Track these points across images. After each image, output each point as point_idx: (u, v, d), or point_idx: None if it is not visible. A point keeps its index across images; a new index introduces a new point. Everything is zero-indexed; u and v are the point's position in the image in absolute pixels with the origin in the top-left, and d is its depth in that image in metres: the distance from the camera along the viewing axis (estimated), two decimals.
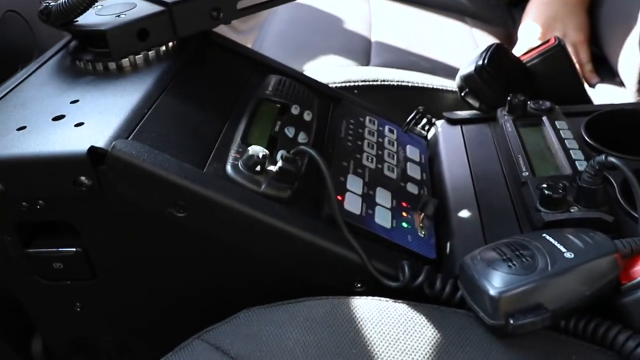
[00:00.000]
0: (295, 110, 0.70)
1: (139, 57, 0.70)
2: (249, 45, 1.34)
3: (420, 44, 1.05)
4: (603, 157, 0.58)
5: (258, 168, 0.60)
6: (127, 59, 0.70)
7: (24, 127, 0.59)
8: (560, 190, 0.59)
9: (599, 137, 0.73)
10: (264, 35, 1.14)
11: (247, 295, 0.61)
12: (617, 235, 0.62)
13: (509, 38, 1.22)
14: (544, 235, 0.55)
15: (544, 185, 0.60)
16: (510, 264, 0.52)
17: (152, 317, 0.66)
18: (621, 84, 1.11)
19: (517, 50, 1.08)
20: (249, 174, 0.60)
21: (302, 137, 0.67)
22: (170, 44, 0.73)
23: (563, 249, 0.53)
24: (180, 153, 0.59)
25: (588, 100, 0.84)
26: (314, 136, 0.68)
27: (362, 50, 1.02)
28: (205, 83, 0.71)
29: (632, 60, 0.97)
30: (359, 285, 0.60)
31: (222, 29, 0.81)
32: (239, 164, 0.60)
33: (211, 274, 0.62)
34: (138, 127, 0.60)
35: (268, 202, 0.59)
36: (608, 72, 1.14)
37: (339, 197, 0.62)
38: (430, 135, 0.80)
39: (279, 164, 0.60)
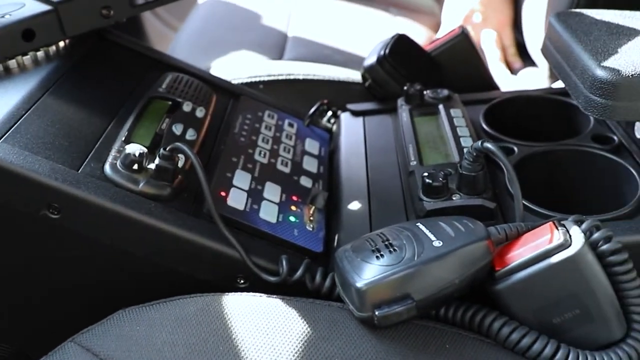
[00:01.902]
0: (187, 107, 0.69)
1: (27, 58, 0.69)
2: None
3: (338, 37, 1.05)
4: (479, 143, 0.57)
5: (136, 167, 0.59)
6: (14, 60, 0.68)
7: None
8: (441, 179, 0.59)
9: (499, 124, 0.73)
10: (182, 32, 1.13)
11: (132, 294, 0.60)
12: (502, 222, 0.62)
13: (437, 25, 1.22)
14: (418, 224, 0.54)
15: (425, 174, 0.59)
16: (378, 254, 0.51)
17: (41, 321, 0.65)
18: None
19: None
20: (126, 172, 0.59)
21: (190, 134, 0.66)
22: (62, 43, 0.72)
23: (433, 238, 0.52)
24: (55, 154, 0.58)
25: (495, 87, 0.83)
26: (204, 133, 0.67)
27: (276, 45, 1.02)
28: (94, 82, 0.70)
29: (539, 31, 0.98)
30: (241, 281, 0.59)
31: (160, 29, 0.79)
32: (117, 163, 0.59)
33: (93, 275, 0.61)
34: (12, 129, 0.59)
35: (144, 201, 0.58)
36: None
37: (223, 193, 0.61)
38: (335, 127, 0.79)
39: (156, 161, 0.59)
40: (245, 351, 0.50)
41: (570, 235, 0.52)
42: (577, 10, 0.67)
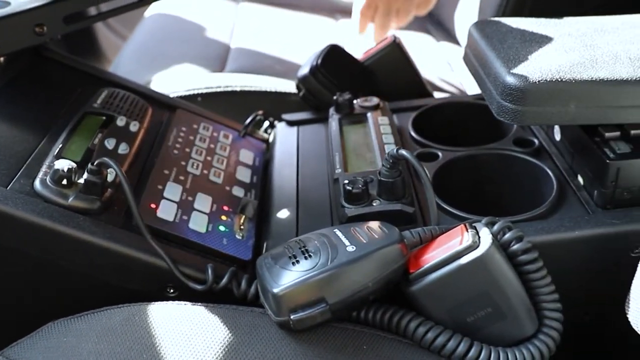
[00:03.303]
0: (120, 121, 0.70)
1: None
2: None
3: (280, 47, 1.07)
4: (395, 150, 0.59)
5: (65, 182, 0.60)
6: None
7: None
8: (361, 186, 0.61)
9: (428, 130, 0.76)
10: (127, 46, 1.14)
11: (64, 307, 0.61)
12: (423, 225, 0.64)
13: None
14: (335, 230, 0.56)
15: (346, 181, 0.61)
16: (294, 261, 0.53)
17: None
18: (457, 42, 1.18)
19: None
20: (56, 188, 0.60)
21: (122, 148, 0.67)
22: None
23: (347, 243, 0.54)
24: None
25: (427, 93, 0.86)
26: (137, 147, 0.69)
27: (218, 57, 1.03)
28: (28, 99, 0.71)
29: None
30: (171, 290, 0.60)
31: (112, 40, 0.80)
32: (47, 179, 0.60)
33: (24, 289, 0.62)
34: None
35: (73, 215, 0.59)
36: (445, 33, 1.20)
37: (153, 205, 0.63)
38: (272, 138, 0.81)
39: (85, 176, 0.60)
40: (168, 358, 0.51)
41: (479, 237, 0.55)
42: (495, 19, 0.70)
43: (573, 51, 0.62)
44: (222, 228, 0.64)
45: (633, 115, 0.60)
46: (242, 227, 0.66)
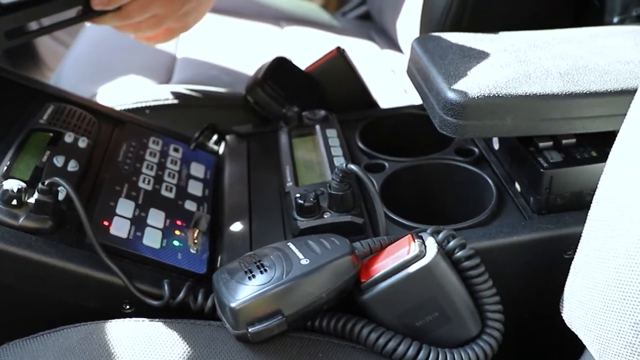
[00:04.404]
0: (68, 138, 0.70)
1: None
2: None
3: (226, 56, 1.08)
4: (344, 164, 0.62)
5: (15, 202, 0.60)
6: None
7: None
8: (312, 199, 0.63)
9: (374, 141, 0.79)
10: (69, 56, 1.12)
11: (19, 328, 0.61)
12: (372, 235, 0.67)
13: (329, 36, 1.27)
14: (289, 243, 0.58)
15: (298, 195, 0.64)
16: (250, 275, 0.55)
17: None
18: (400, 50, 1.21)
19: None
20: (5, 208, 0.60)
21: (72, 166, 0.67)
22: None
23: (300, 256, 0.56)
24: None
25: (374, 104, 0.89)
26: (87, 163, 0.69)
27: (165, 67, 1.03)
28: None
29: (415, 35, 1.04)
30: (127, 307, 0.61)
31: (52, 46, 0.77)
32: None
33: None
34: None
35: (25, 236, 0.59)
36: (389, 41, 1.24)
37: (106, 223, 0.63)
38: (222, 150, 0.82)
39: (35, 196, 0.60)
40: None
41: (425, 246, 0.58)
42: (436, 34, 0.73)
43: (508, 67, 0.66)
44: (176, 243, 0.65)
45: (563, 126, 0.64)
46: (195, 241, 0.67)
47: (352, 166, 0.61)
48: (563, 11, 0.90)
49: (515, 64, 0.67)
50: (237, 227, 0.68)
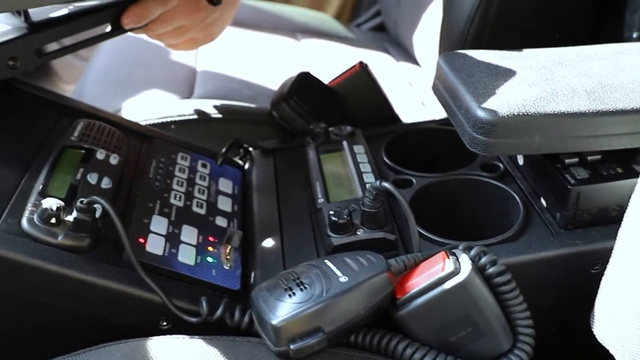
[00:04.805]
0: (100, 155, 0.71)
1: None
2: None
3: (246, 69, 1.09)
4: (378, 182, 0.63)
5: (53, 220, 0.61)
6: None
7: None
8: (345, 216, 0.64)
9: (399, 156, 0.80)
10: (89, 71, 1.13)
11: (56, 344, 0.62)
12: (403, 252, 0.68)
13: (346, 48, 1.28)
14: (325, 261, 0.59)
15: (332, 212, 0.65)
16: (290, 293, 0.56)
17: None
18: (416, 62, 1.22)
19: None
20: (44, 227, 0.60)
21: (105, 183, 0.68)
22: None
23: (339, 274, 0.57)
24: None
25: (396, 119, 0.90)
26: (119, 180, 0.70)
27: (185, 81, 1.04)
28: (4, 135, 0.70)
29: (433, 48, 1.05)
30: (164, 323, 0.62)
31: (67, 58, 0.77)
32: (35, 218, 0.61)
33: (17, 329, 0.62)
34: None
35: (63, 254, 0.60)
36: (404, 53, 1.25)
37: (141, 240, 0.64)
38: (247, 165, 0.83)
39: (74, 214, 0.61)
40: None
41: (459, 263, 0.59)
42: (462, 51, 0.75)
43: (535, 85, 0.67)
44: (209, 259, 0.66)
45: (590, 144, 0.66)
46: (228, 257, 0.67)
47: (386, 184, 0.62)
48: (581, 25, 0.92)
49: (542, 82, 0.68)
50: (268, 243, 0.69)
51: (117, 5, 0.78)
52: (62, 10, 0.75)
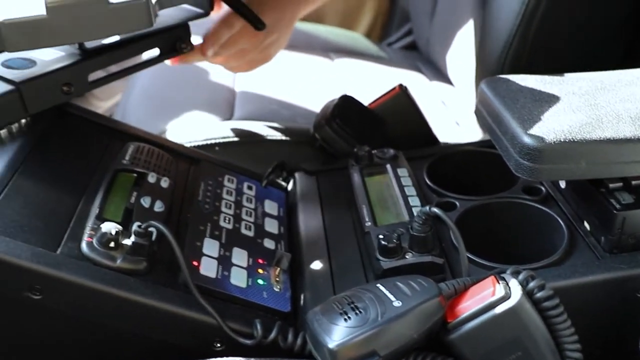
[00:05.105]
0: (152, 178, 0.73)
1: None
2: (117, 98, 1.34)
3: (283, 90, 1.11)
4: (428, 208, 0.64)
5: (112, 244, 0.63)
6: None
7: None
8: (395, 240, 0.65)
9: (440, 178, 0.81)
10: (130, 92, 1.16)
11: None
12: (450, 275, 0.69)
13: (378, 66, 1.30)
14: (378, 285, 0.61)
15: (381, 236, 0.66)
16: (345, 317, 0.57)
17: None
18: (449, 82, 1.24)
19: None
20: (103, 250, 0.62)
21: (158, 206, 0.70)
22: (23, 120, 0.75)
23: (392, 298, 0.58)
24: (33, 237, 0.61)
25: (434, 140, 0.91)
26: (170, 203, 0.72)
27: (225, 102, 1.06)
28: (60, 158, 0.73)
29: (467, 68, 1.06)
30: (218, 345, 0.63)
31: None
32: (94, 242, 0.63)
33: (75, 351, 0.64)
34: None
35: (123, 277, 0.61)
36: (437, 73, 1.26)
37: (195, 263, 0.66)
38: (290, 186, 0.85)
39: (132, 238, 0.63)
40: None
41: (509, 288, 0.60)
42: (504, 76, 0.76)
43: (580, 111, 0.68)
44: (260, 281, 0.68)
45: (635, 169, 0.66)
46: (278, 279, 0.69)
47: (436, 210, 0.64)
48: (618, 48, 0.93)
49: (586, 108, 0.69)
50: (317, 265, 0.70)
51: (166, 31, 0.80)
52: (113, 37, 0.77)
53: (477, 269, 0.67)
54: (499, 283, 0.60)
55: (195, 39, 0.84)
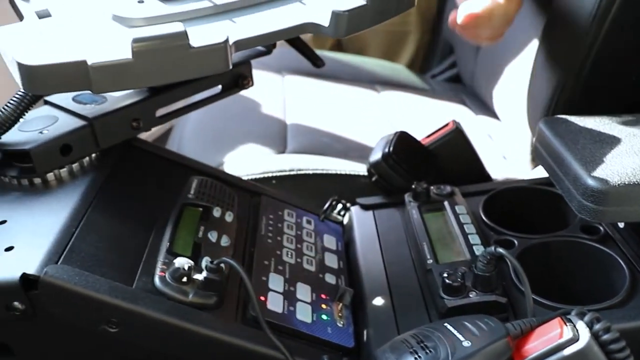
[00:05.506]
0: (217, 212, 0.75)
1: (64, 171, 0.73)
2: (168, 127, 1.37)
3: (334, 122, 1.13)
4: (493, 248, 0.65)
5: (185, 279, 0.64)
6: (52, 173, 0.73)
7: None
8: (459, 279, 0.66)
9: (495, 215, 0.82)
10: (184, 124, 1.19)
11: None
12: (512, 314, 0.70)
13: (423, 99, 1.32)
14: (446, 324, 0.61)
15: (445, 275, 0.67)
16: (416, 356, 0.58)
17: None
18: (495, 116, 1.25)
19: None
20: (176, 285, 0.64)
21: (224, 241, 0.71)
22: (94, 154, 0.77)
23: (462, 338, 0.59)
24: (109, 271, 0.63)
25: (487, 177, 0.92)
26: (235, 238, 0.73)
27: (278, 135, 1.09)
28: (129, 192, 0.75)
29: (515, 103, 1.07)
30: None
31: None
32: (167, 276, 0.64)
33: None
34: (67, 248, 0.63)
35: (195, 312, 0.63)
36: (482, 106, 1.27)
37: (262, 298, 0.67)
38: (345, 220, 0.86)
39: (204, 274, 0.64)
40: None
41: (577, 330, 0.60)
42: (563, 117, 0.77)
43: None
44: (324, 317, 0.69)
45: None
46: (340, 314, 0.70)
47: (501, 250, 0.64)
48: None
49: None
50: (378, 301, 0.71)
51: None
52: None
53: (539, 309, 0.68)
54: (566, 325, 0.61)
55: None
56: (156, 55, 0.59)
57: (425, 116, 1.03)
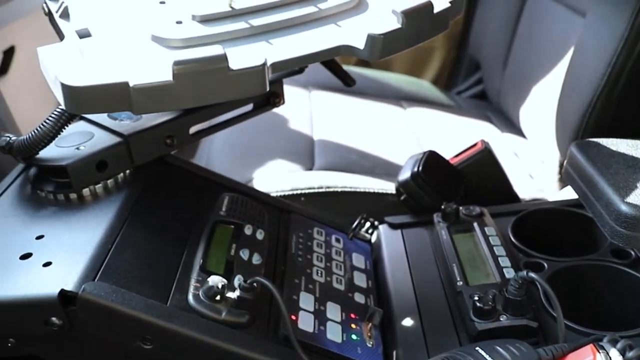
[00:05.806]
0: (248, 230, 0.76)
1: (99, 187, 0.75)
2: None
3: (360, 139, 1.14)
4: (525, 273, 0.65)
5: (218, 297, 0.65)
6: (87, 188, 0.74)
7: None
8: (490, 302, 0.66)
9: (524, 236, 0.82)
10: (212, 140, 1.19)
11: None
12: (542, 338, 0.70)
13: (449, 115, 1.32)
14: (477, 349, 0.61)
15: (476, 298, 0.67)
16: None
17: None
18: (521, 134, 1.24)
19: None
20: (209, 303, 0.65)
21: (256, 259, 0.72)
22: (128, 170, 0.78)
23: None
24: (144, 288, 0.64)
25: (515, 197, 0.92)
26: (266, 255, 0.74)
27: (305, 151, 1.10)
28: (161, 209, 0.76)
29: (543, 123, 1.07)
30: None
31: None
32: (200, 294, 0.65)
33: None
34: (104, 265, 0.64)
35: (228, 330, 0.64)
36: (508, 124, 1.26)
37: (293, 317, 0.68)
38: (374, 238, 0.87)
39: (237, 292, 0.65)
40: None
41: (610, 357, 0.60)
42: (595, 140, 0.77)
43: None
44: (354, 337, 0.69)
45: None
46: (369, 334, 0.70)
47: (533, 275, 0.65)
48: None
49: None
50: (408, 322, 0.72)
51: None
52: None
53: (570, 334, 0.67)
54: (599, 352, 0.61)
55: None
56: (196, 77, 0.60)
57: (451, 133, 1.04)
